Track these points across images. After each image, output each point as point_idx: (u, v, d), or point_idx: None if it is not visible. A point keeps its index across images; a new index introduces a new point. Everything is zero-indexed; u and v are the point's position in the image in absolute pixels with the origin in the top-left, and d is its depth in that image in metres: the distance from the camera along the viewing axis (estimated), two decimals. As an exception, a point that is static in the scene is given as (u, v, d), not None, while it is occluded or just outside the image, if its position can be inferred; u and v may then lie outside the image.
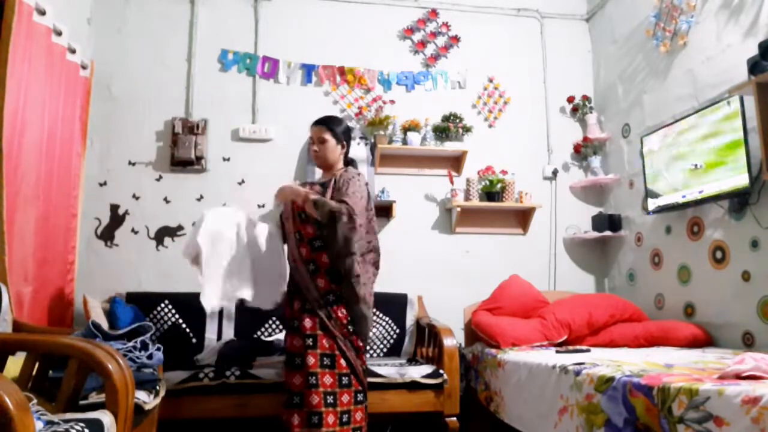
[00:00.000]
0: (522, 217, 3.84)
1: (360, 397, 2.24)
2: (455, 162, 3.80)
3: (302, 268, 2.29)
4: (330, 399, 2.15)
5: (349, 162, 2.51)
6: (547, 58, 4.05)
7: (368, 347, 3.18)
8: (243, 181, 3.53)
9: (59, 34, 2.73)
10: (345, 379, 2.20)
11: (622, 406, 1.79)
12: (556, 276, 3.81)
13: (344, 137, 2.45)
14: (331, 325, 2.22)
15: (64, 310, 2.90)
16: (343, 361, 2.21)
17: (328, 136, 2.40)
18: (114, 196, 3.40)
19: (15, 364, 1.70)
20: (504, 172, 3.73)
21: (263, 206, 3.51)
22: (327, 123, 2.43)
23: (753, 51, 2.53)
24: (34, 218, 2.55)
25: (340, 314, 2.24)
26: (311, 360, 2.16)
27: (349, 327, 2.25)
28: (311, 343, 2.19)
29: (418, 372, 2.68)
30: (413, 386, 2.66)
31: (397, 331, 3.29)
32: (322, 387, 2.14)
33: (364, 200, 2.28)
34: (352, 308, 2.24)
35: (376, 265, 2.39)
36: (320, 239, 2.27)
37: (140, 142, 3.47)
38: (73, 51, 2.93)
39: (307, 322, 2.22)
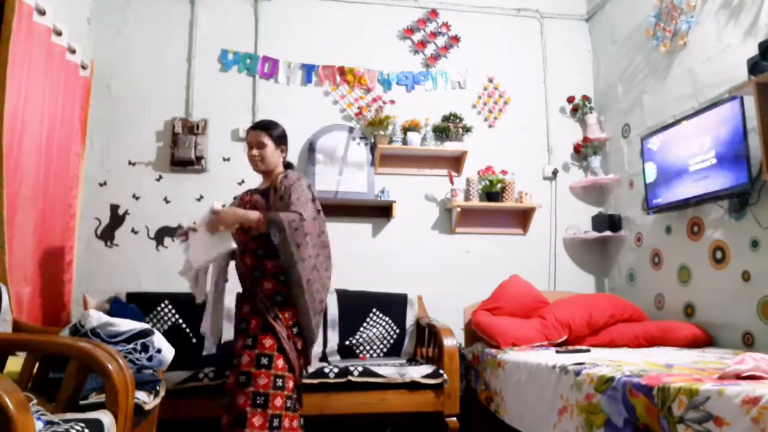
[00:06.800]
0: (522, 217, 3.84)
1: (289, 403, 2.10)
2: (455, 162, 3.80)
3: (248, 276, 2.26)
4: (260, 400, 2.05)
5: (288, 165, 2.46)
6: (547, 58, 4.05)
7: (366, 351, 3.19)
8: (243, 182, 3.52)
9: (59, 34, 2.73)
10: (279, 382, 2.10)
11: (622, 406, 1.78)
12: (556, 276, 3.81)
13: (282, 141, 2.43)
14: (277, 325, 2.14)
15: (61, 310, 2.90)
16: (281, 362, 2.12)
17: (267, 140, 2.36)
18: (114, 196, 3.40)
19: (15, 364, 1.70)
20: (504, 172, 3.73)
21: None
22: (265, 127, 2.39)
23: (753, 51, 2.52)
24: (33, 218, 2.55)
25: (286, 315, 2.17)
26: (245, 359, 2.11)
27: (294, 329, 2.18)
28: (250, 343, 2.13)
29: (418, 372, 2.68)
30: (413, 386, 2.67)
31: (397, 331, 3.28)
32: (253, 387, 2.06)
33: (310, 202, 2.24)
34: (302, 315, 2.18)
35: (328, 263, 2.33)
36: (264, 248, 2.22)
37: (140, 142, 3.48)
38: (73, 51, 2.93)
39: (253, 323, 2.18)
